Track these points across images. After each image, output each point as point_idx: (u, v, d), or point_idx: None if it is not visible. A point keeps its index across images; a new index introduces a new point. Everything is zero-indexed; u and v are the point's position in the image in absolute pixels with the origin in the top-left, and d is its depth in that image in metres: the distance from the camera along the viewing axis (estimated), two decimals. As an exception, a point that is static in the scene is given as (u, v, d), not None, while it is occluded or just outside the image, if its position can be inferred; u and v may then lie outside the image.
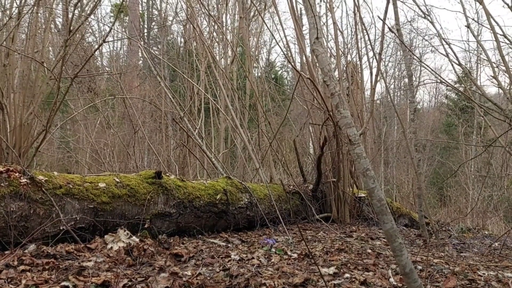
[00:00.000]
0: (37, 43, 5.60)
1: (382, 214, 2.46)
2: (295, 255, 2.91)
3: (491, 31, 4.81)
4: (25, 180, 2.52)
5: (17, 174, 2.53)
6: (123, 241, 2.67)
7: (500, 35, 4.98)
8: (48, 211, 2.57)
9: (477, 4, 5.21)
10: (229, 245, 3.26)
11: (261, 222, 4.09)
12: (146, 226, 3.05)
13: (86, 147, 8.87)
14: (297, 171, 6.18)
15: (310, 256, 2.86)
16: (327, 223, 4.51)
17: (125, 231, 2.77)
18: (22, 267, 2.09)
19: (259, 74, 9.43)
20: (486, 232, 5.94)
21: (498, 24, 5.13)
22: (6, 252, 2.31)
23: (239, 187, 3.99)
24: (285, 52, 5.78)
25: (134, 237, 2.76)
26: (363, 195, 5.11)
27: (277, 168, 7.07)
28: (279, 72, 17.66)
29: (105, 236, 2.73)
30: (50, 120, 5.17)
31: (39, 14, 5.37)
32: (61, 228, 2.61)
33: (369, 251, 3.31)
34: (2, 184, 2.42)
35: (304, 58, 5.11)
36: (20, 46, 6.35)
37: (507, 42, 5.05)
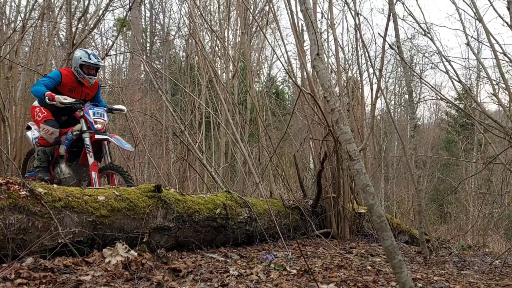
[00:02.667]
0: (40, 56, 5.65)
1: (382, 230, 2.45)
2: (294, 271, 2.89)
3: (491, 49, 4.85)
4: (25, 192, 2.52)
5: (16, 186, 2.53)
6: (121, 255, 2.65)
7: (500, 53, 5.02)
8: (46, 224, 2.56)
9: (477, 22, 5.27)
10: (228, 260, 3.24)
11: (261, 237, 4.06)
12: (144, 240, 3.03)
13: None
14: (297, 186, 6.16)
15: (310, 272, 2.83)
16: (327, 239, 4.48)
17: (123, 245, 2.75)
18: (19, 281, 2.07)
19: (260, 88, 9.49)
20: (487, 250, 5.90)
21: (497, 42, 5.18)
22: (4, 265, 2.29)
23: (238, 201, 3.97)
24: (286, 68, 5.82)
25: (132, 251, 2.74)
26: (363, 211, 5.09)
27: (277, 183, 7.06)
28: (280, 87, 17.75)
29: (104, 250, 2.71)
30: (51, 132, 5.16)
31: (43, 28, 5.43)
32: (59, 241, 2.60)
33: (369, 267, 3.28)
34: (1, 197, 2.41)
35: (305, 73, 5.14)
36: (24, 59, 6.40)
37: (507, 60, 5.10)
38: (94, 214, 2.80)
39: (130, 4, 5.46)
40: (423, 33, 5.52)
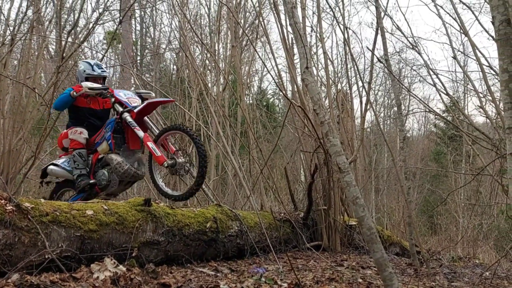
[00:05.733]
0: (29, 69, 5.62)
1: (372, 242, 2.46)
2: (285, 285, 2.87)
3: (477, 62, 4.95)
4: (11, 207, 2.48)
5: (3, 201, 2.49)
6: (109, 270, 2.61)
7: (486, 66, 5.12)
8: (33, 239, 2.51)
9: (463, 36, 5.38)
10: (218, 274, 3.21)
11: (251, 250, 4.04)
12: (133, 254, 2.99)
13: (75, 173, 8.76)
14: (288, 198, 6.15)
15: (300, 286, 2.82)
16: (318, 252, 4.46)
17: (111, 259, 2.71)
18: (4, 298, 2.03)
19: (251, 101, 9.52)
20: (477, 261, 5.92)
21: (483, 56, 5.28)
22: (-11, 281, 2.24)
23: (229, 214, 3.95)
24: (277, 81, 5.86)
25: (121, 266, 2.70)
26: (354, 223, 5.09)
27: (268, 195, 7.04)
28: (271, 100, 17.82)
29: (91, 265, 2.67)
30: (39, 146, 5.13)
31: (32, 41, 5.41)
32: (46, 256, 2.55)
33: (360, 280, 3.27)
34: (-13, 211, 2.37)
35: (295, 86, 5.18)
36: (12, 72, 6.37)
37: (493, 73, 5.19)
38: (82, 228, 2.76)
39: (121, 18, 5.48)
40: (411, 46, 5.62)
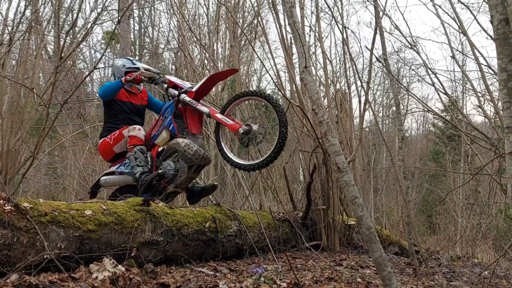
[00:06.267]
0: (28, 69, 5.61)
1: (371, 242, 2.46)
2: (284, 285, 2.87)
3: (476, 62, 4.96)
4: (10, 207, 2.47)
5: (1, 201, 2.48)
6: (108, 270, 2.60)
7: (485, 65, 5.13)
8: (32, 239, 2.51)
9: (462, 35, 5.38)
10: (217, 274, 3.20)
11: (250, 250, 4.04)
12: (132, 254, 2.99)
13: (74, 174, 8.77)
14: (287, 198, 6.15)
15: (299, 286, 2.82)
16: (317, 251, 4.46)
17: (110, 259, 2.71)
18: (2, 298, 2.02)
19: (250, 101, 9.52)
20: (476, 261, 5.92)
21: (482, 55, 5.28)
22: (-13, 282, 2.24)
23: (228, 214, 3.95)
24: (275, 80, 5.86)
25: (120, 266, 2.70)
26: (353, 222, 5.09)
27: (267, 195, 7.04)
28: (269, 100, 17.78)
29: (90, 265, 2.67)
30: (38, 146, 5.12)
31: (30, 41, 5.40)
32: (45, 256, 2.55)
33: (359, 280, 3.27)
34: (-15, 211, 2.37)
35: (294, 86, 5.18)
36: (10, 72, 6.36)
37: (491, 72, 5.20)
38: (81, 228, 2.76)
39: (119, 17, 5.47)
40: (410, 46, 5.63)
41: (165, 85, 4.05)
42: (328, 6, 5.61)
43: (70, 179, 9.05)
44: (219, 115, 3.72)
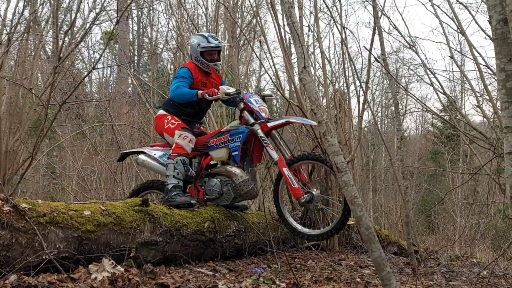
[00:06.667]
0: (26, 69, 5.60)
1: (370, 242, 2.46)
2: (284, 285, 2.87)
3: (474, 62, 4.95)
4: (8, 208, 2.47)
5: (0, 202, 2.48)
6: (107, 271, 2.60)
7: (483, 65, 5.13)
8: (30, 240, 2.50)
9: (460, 35, 5.39)
10: (216, 274, 3.20)
11: (249, 250, 4.03)
12: (131, 255, 2.99)
13: (72, 174, 8.76)
14: (286, 198, 6.15)
15: (299, 286, 2.82)
16: (316, 251, 4.46)
17: (109, 260, 2.71)
18: (1, 299, 2.02)
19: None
20: (475, 260, 5.93)
21: (480, 55, 5.28)
22: (-14, 282, 2.24)
23: (227, 214, 3.95)
24: (274, 81, 5.86)
25: (119, 267, 2.70)
26: (352, 222, 5.09)
27: (266, 195, 7.04)
28: (268, 100, 17.79)
29: (89, 266, 2.66)
30: (36, 146, 5.11)
31: (29, 41, 5.39)
32: (44, 257, 2.55)
33: (358, 279, 3.27)
34: (-16, 212, 2.36)
35: (293, 86, 5.18)
36: (9, 72, 6.35)
37: (490, 72, 5.20)
38: (80, 229, 2.76)
39: (118, 18, 5.46)
40: (408, 46, 5.62)
41: (242, 106, 3.74)
42: (327, 6, 5.61)
43: (68, 179, 9.03)
44: (286, 171, 3.45)
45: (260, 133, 3.60)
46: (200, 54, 3.88)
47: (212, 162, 3.91)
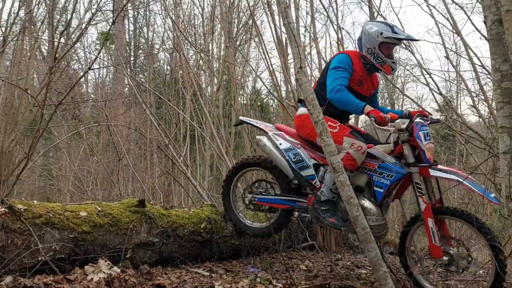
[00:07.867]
0: (22, 70, 5.58)
1: (366, 242, 2.47)
2: (280, 285, 2.87)
3: (470, 62, 4.97)
4: (4, 209, 2.46)
5: (-5, 203, 2.47)
6: (104, 272, 2.60)
7: (479, 65, 5.15)
8: (26, 241, 2.50)
9: (456, 35, 5.41)
10: (213, 275, 3.20)
11: (246, 251, 4.03)
12: (128, 256, 2.98)
13: (68, 175, 8.72)
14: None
15: (295, 286, 2.82)
16: (313, 251, 4.47)
17: (106, 261, 2.70)
18: (-3, 300, 2.01)
19: (245, 101, 9.53)
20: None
21: (476, 55, 5.31)
22: (-19, 284, 2.23)
23: (224, 215, 3.94)
24: (270, 81, 5.86)
25: (115, 268, 2.69)
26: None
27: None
28: (265, 100, 17.82)
29: (85, 267, 2.66)
30: (32, 147, 5.09)
31: (24, 42, 5.37)
32: (40, 258, 2.54)
33: (355, 280, 3.27)
34: (-21, 213, 2.35)
35: (289, 86, 5.18)
36: (4, 73, 6.32)
37: (485, 72, 5.22)
38: (76, 230, 2.75)
39: (114, 18, 5.45)
40: (404, 46, 5.63)
41: (406, 136, 2.96)
42: (323, 7, 5.61)
43: (65, 180, 9.00)
44: (430, 223, 2.93)
45: (417, 179, 2.95)
46: (379, 45, 3.12)
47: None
